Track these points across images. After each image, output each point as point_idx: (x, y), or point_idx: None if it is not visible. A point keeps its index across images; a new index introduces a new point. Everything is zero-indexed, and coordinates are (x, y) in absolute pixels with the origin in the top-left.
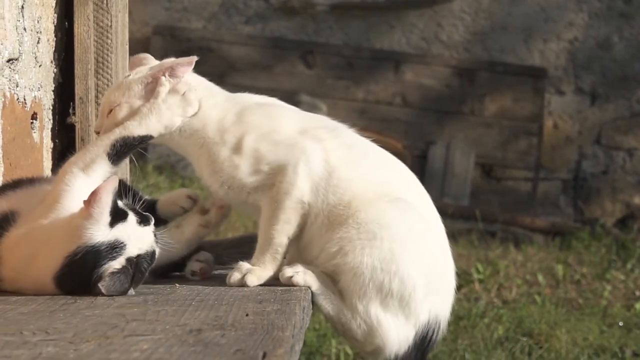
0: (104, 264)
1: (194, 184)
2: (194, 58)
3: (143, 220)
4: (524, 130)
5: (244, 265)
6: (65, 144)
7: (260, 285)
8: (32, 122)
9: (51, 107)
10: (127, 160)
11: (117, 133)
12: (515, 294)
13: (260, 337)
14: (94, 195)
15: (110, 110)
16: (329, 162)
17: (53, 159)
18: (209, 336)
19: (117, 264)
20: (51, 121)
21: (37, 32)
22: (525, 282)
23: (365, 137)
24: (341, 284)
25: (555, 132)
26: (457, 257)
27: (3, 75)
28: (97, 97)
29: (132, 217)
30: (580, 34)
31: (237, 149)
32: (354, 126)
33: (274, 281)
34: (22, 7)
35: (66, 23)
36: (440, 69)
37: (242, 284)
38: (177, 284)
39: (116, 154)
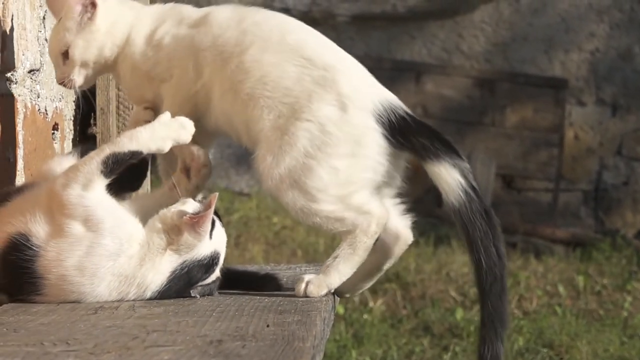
0: (206, 277)
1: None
2: None
3: (220, 219)
4: (544, 141)
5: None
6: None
7: (281, 296)
8: (53, 133)
9: (72, 118)
10: (148, 174)
11: (108, 150)
12: (536, 305)
13: (281, 348)
14: (202, 218)
15: (65, 56)
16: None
17: None
18: (229, 347)
19: (214, 276)
20: (72, 132)
21: None
22: (546, 293)
23: None
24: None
25: (576, 143)
26: None
27: (24, 86)
28: (118, 108)
29: (217, 221)
30: (601, 45)
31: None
32: None
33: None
34: (44, 18)
35: None
36: (461, 79)
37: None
38: (197, 295)
39: (110, 171)
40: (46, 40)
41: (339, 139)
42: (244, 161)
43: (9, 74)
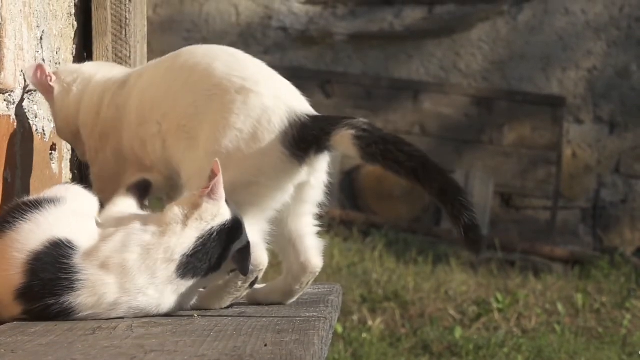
0: (237, 240)
1: None
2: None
3: None
4: (542, 159)
5: None
6: (84, 174)
7: (279, 315)
8: (51, 153)
9: None
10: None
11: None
12: (535, 323)
13: None
14: (214, 186)
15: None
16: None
17: None
18: None
19: (244, 239)
20: (70, 152)
21: (56, 63)
22: (545, 311)
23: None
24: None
25: (574, 161)
26: (476, 287)
27: (22, 107)
28: None
29: None
30: (599, 63)
31: None
32: None
33: (293, 311)
34: (41, 38)
35: (85, 54)
36: (459, 98)
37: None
38: (195, 314)
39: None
40: (44, 60)
41: (241, 168)
42: None
43: (6, 95)
